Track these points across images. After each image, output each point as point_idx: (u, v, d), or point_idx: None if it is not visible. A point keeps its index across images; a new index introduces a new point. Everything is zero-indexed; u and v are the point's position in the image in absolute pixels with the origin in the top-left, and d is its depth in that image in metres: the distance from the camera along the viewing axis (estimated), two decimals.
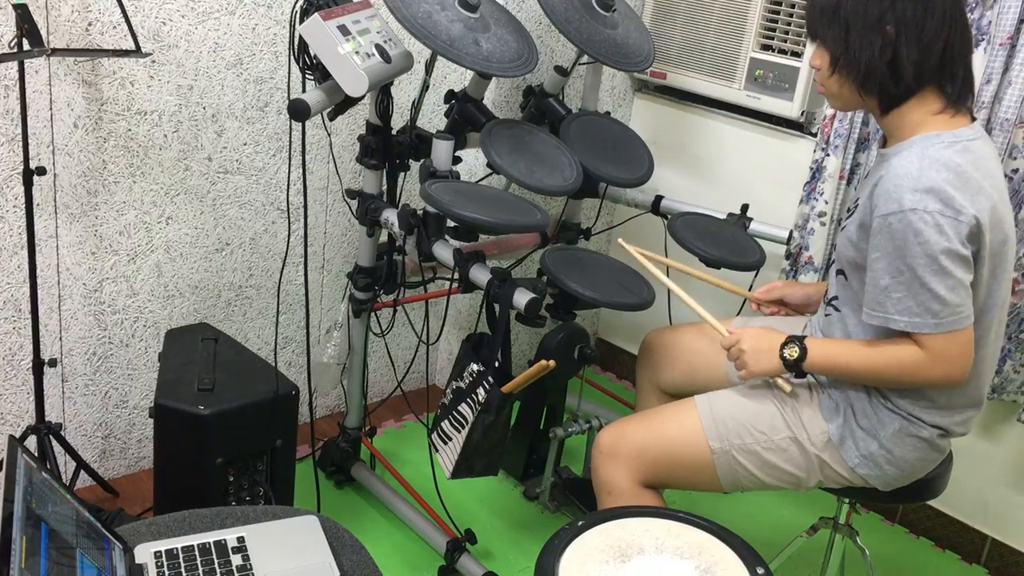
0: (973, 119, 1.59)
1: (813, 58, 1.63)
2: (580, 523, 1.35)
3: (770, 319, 1.99)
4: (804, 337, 1.67)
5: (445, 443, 2.04)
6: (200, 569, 1.31)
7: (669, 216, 2.44)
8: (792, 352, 1.65)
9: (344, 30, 1.88)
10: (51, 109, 2.03)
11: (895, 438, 1.65)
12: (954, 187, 1.47)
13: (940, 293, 1.48)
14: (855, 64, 1.56)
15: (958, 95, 1.57)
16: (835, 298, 1.73)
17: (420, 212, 2.02)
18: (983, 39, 2.10)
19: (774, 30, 2.56)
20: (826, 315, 1.76)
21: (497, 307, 1.92)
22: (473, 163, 2.76)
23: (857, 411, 1.68)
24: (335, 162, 2.53)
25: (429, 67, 2.21)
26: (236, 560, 1.34)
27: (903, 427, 1.65)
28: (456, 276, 1.98)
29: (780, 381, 1.72)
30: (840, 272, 1.69)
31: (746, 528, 2.47)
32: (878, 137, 2.36)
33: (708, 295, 2.08)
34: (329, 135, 2.47)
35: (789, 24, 2.53)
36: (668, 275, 1.88)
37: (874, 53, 1.53)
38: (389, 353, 2.86)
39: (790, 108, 2.56)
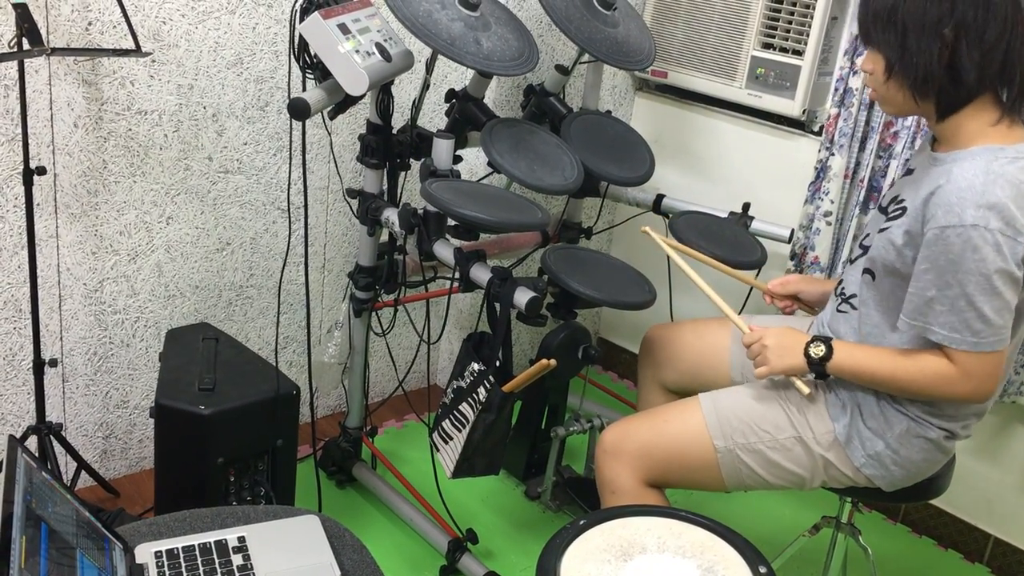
0: None
1: (865, 63, 1.59)
2: (582, 522, 1.35)
3: (787, 318, 1.97)
4: (830, 338, 1.65)
5: (446, 442, 2.04)
6: (201, 569, 1.31)
7: (670, 215, 2.43)
8: (818, 350, 1.62)
9: (344, 29, 1.87)
10: (51, 109, 2.03)
11: (902, 439, 1.64)
12: (1017, 206, 1.44)
13: (986, 313, 1.46)
14: (912, 68, 1.51)
15: (1013, 102, 1.53)
16: (853, 296, 1.70)
17: (421, 211, 2.01)
18: None
19: (775, 28, 2.55)
20: (838, 310, 1.74)
21: (498, 306, 1.92)
22: (474, 162, 2.75)
23: (864, 411, 1.67)
24: (335, 161, 2.53)
25: (430, 66, 2.20)
26: (237, 560, 1.33)
27: (910, 428, 1.64)
28: (457, 275, 1.97)
29: (799, 383, 1.70)
30: (868, 271, 1.66)
31: (748, 527, 2.46)
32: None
33: (716, 288, 2.07)
34: (330, 134, 2.47)
35: (790, 22, 2.52)
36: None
37: (932, 57, 1.48)
38: (390, 353, 2.85)
39: (791, 107, 2.56)
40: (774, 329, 1.71)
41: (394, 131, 2.20)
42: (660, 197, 2.55)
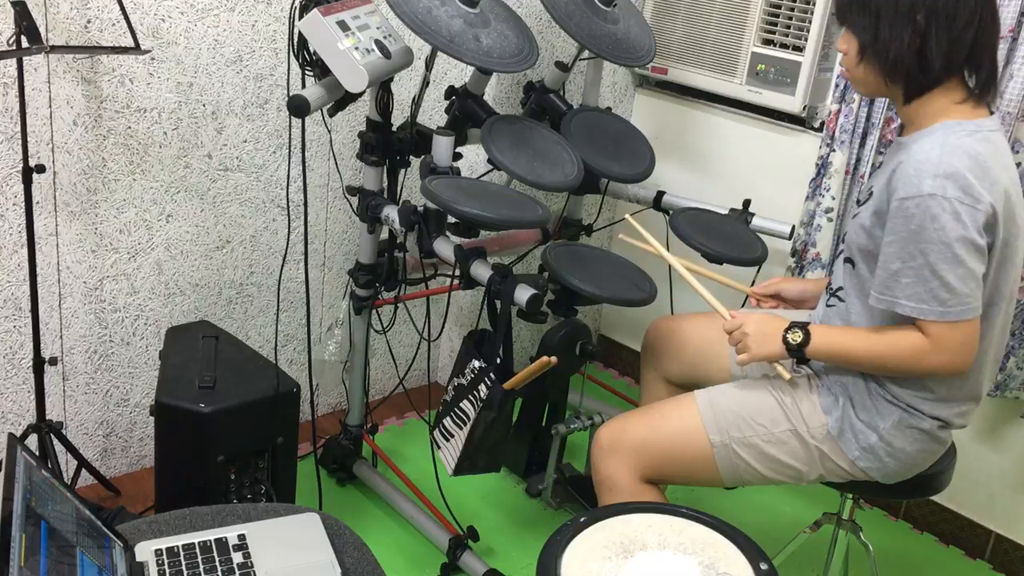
0: (991, 112, 1.59)
1: (840, 43, 1.63)
2: (582, 519, 1.35)
3: (773, 311, 1.98)
4: (807, 323, 1.66)
5: (447, 440, 2.03)
6: (201, 567, 1.31)
7: (671, 212, 2.43)
8: (796, 336, 1.64)
9: (343, 26, 1.87)
10: (50, 107, 2.02)
11: (895, 430, 1.65)
12: (974, 174, 1.46)
13: (950, 282, 1.47)
14: (883, 53, 1.55)
15: (982, 86, 1.57)
16: (840, 288, 1.71)
17: (421, 208, 2.01)
18: None
19: (775, 24, 2.55)
20: (828, 305, 1.75)
21: (498, 303, 1.92)
22: (474, 159, 2.75)
23: (856, 403, 1.67)
24: (335, 159, 2.52)
25: (429, 63, 2.20)
26: (237, 558, 1.33)
27: (902, 419, 1.64)
28: (457, 272, 1.97)
29: (780, 368, 1.71)
30: (848, 260, 1.68)
31: (749, 524, 2.46)
32: (895, 128, 2.34)
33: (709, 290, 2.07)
34: (329, 132, 2.46)
35: (791, 18, 2.52)
36: (669, 271, 1.87)
37: (903, 42, 1.52)
38: (391, 350, 2.85)
39: (792, 103, 2.56)
40: (754, 316, 1.72)
41: (394, 128, 2.20)
42: (660, 194, 2.55)
